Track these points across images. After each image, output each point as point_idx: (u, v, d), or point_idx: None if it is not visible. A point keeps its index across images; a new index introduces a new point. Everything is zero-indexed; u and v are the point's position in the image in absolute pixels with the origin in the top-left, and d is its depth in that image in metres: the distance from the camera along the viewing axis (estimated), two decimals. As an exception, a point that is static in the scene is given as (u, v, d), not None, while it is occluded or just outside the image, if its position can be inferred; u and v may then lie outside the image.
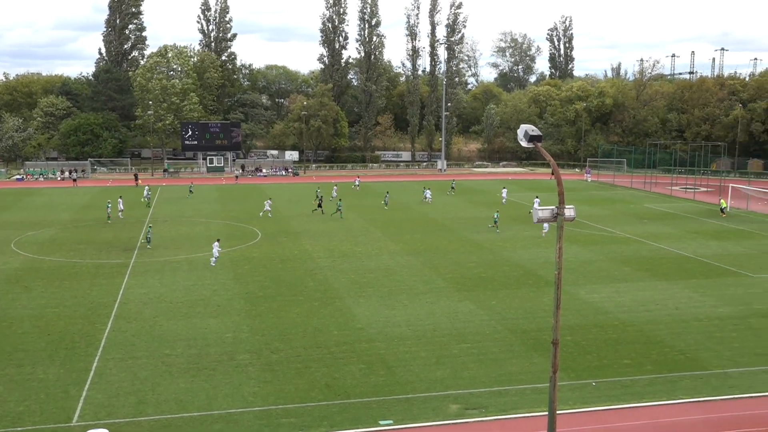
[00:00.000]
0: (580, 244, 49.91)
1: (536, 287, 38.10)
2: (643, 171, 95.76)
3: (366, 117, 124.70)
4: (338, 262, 43.92)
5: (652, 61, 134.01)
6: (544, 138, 15.99)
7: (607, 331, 30.88)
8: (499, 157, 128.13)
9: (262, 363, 26.90)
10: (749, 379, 25.63)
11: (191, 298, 35.55)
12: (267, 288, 37.77)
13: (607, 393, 24.44)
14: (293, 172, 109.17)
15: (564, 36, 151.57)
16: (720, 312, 33.77)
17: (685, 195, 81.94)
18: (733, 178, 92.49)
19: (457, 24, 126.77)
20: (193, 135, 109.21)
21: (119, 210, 61.05)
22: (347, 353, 27.94)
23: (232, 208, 68.18)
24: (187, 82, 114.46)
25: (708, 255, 46.96)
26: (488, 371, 26.21)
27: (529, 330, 30.79)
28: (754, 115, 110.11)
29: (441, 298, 35.77)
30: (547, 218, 15.83)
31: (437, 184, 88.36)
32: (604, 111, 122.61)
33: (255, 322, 31.84)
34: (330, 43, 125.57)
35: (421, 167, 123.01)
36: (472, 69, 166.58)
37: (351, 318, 32.46)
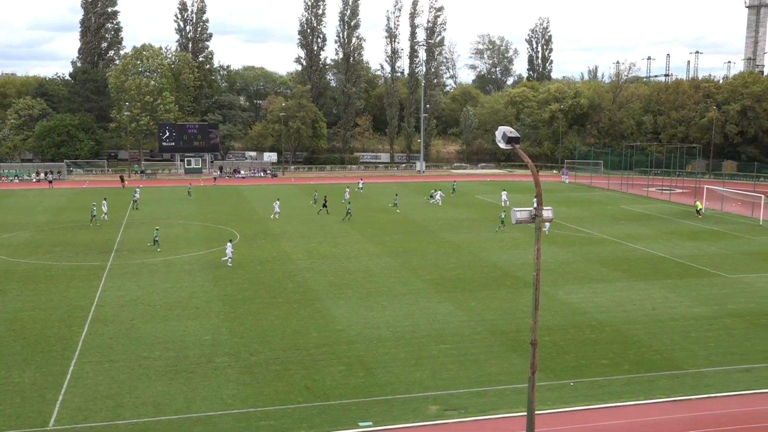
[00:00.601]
0: (558, 245, 50.26)
1: (515, 288, 38.31)
2: (619, 172, 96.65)
3: (345, 118, 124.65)
4: (317, 264, 43.84)
5: (628, 64, 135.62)
6: (521, 140, 16.09)
7: (585, 331, 31.13)
8: (478, 159, 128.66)
9: (240, 365, 26.77)
10: (724, 378, 25.97)
11: (169, 301, 35.29)
12: (246, 290, 37.60)
13: (585, 393, 24.64)
14: (272, 174, 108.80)
15: (542, 38, 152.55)
16: (695, 312, 34.18)
17: (661, 196, 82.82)
18: (708, 179, 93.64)
19: (436, 26, 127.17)
20: (171, 136, 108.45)
21: (103, 212, 60.19)
22: (326, 355, 27.90)
23: (211, 210, 67.79)
24: (162, 81, 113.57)
25: (683, 255, 47.51)
26: (467, 372, 26.30)
27: (508, 331, 30.95)
28: (728, 117, 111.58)
29: (420, 300, 35.84)
30: (526, 220, 15.92)
31: (418, 186, 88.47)
32: (581, 113, 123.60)
33: (234, 324, 31.68)
34: (308, 44, 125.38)
35: (399, 169, 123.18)
36: (451, 71, 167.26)
37: (330, 320, 32.41)
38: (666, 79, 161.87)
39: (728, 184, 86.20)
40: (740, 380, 25.82)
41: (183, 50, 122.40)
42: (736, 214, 66.98)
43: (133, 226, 57.68)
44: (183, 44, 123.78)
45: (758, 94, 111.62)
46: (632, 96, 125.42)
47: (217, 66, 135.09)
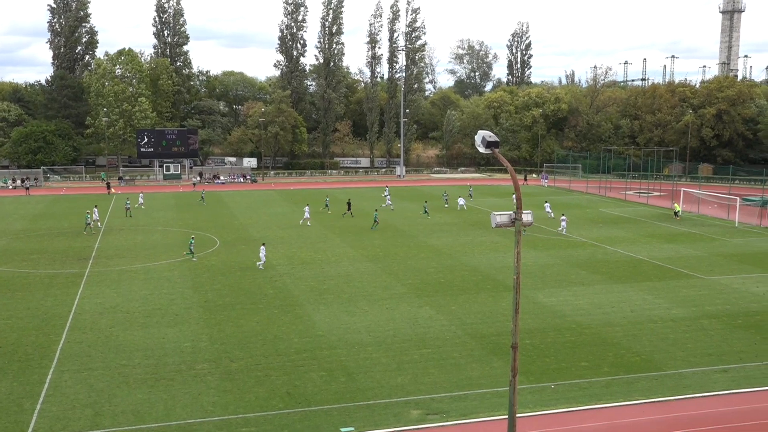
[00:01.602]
0: (538, 249, 50.53)
1: (495, 292, 38.43)
2: (598, 176, 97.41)
3: (325, 123, 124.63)
4: (298, 270, 43.71)
5: (605, 68, 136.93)
6: (500, 144, 16.18)
7: (565, 334, 31.30)
8: (458, 163, 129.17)
9: (221, 372, 26.60)
10: (702, 379, 26.22)
11: (148, 308, 35.00)
12: (226, 296, 37.39)
13: (566, 395, 24.75)
14: (251, 179, 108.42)
15: (521, 44, 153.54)
16: (673, 314, 34.49)
17: (638, 199, 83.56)
18: (684, 182, 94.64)
19: (415, 31, 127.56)
20: (149, 142, 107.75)
21: (95, 219, 59.06)
22: (307, 361, 27.80)
23: (190, 216, 67.38)
24: (140, 87, 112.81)
25: (661, 258, 47.95)
26: (449, 376, 26.33)
27: (489, 334, 31.04)
28: (704, 121, 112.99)
29: (401, 304, 35.84)
30: (505, 223, 15.99)
31: (398, 190, 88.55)
32: (560, 117, 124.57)
33: (214, 330, 31.49)
34: (288, 50, 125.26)
35: (380, 173, 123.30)
36: (430, 76, 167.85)
37: (311, 325, 32.32)
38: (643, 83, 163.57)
39: (704, 187, 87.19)
40: (718, 381, 26.08)
41: (161, 55, 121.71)
42: (713, 217, 67.76)
43: (112, 233, 57.17)
44: (161, 49, 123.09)
45: (733, 98, 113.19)
46: (609, 100, 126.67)
47: (197, 71, 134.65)
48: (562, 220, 58.31)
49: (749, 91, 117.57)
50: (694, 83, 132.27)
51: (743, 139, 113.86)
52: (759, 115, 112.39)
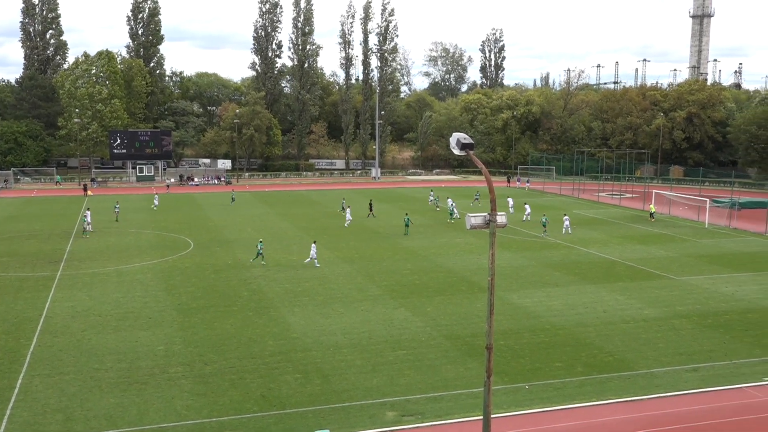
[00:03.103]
0: (512, 250, 50.83)
1: (470, 293, 38.59)
2: (571, 178, 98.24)
3: (299, 125, 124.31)
4: (272, 272, 43.53)
5: (578, 71, 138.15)
6: (475, 146, 16.24)
7: (539, 334, 31.52)
8: (433, 165, 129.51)
9: (195, 375, 26.40)
10: (673, 378, 26.55)
11: (121, 311, 34.63)
12: (200, 299, 37.12)
13: (540, 395, 24.93)
14: (226, 181, 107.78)
15: (495, 46, 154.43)
16: (645, 314, 34.90)
17: (611, 201, 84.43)
18: (656, 184, 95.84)
19: (389, 32, 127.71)
20: (122, 143, 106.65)
21: (87, 223, 57.36)
22: (282, 363, 27.69)
23: (163, 218, 66.77)
24: (114, 88, 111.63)
25: (633, 259, 48.49)
26: (424, 378, 26.38)
27: (464, 336, 31.16)
28: (675, 124, 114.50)
29: (376, 306, 35.85)
30: (480, 225, 16.07)
31: (374, 192, 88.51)
32: (533, 119, 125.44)
33: (188, 333, 31.24)
34: (262, 51, 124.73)
35: (355, 175, 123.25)
36: (405, 78, 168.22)
37: (286, 327, 32.20)
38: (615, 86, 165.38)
39: (675, 189, 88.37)
40: (688, 380, 26.44)
41: (135, 56, 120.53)
42: (684, 218, 68.70)
43: (84, 236, 56.45)
44: (135, 49, 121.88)
45: (703, 102, 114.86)
46: (582, 103, 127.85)
47: (170, 72, 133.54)
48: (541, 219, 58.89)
49: (719, 95, 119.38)
50: (665, 86, 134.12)
51: (713, 141, 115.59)
52: (728, 118, 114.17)
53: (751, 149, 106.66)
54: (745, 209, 71.15)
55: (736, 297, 38.34)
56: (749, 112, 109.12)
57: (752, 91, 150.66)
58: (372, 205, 69.30)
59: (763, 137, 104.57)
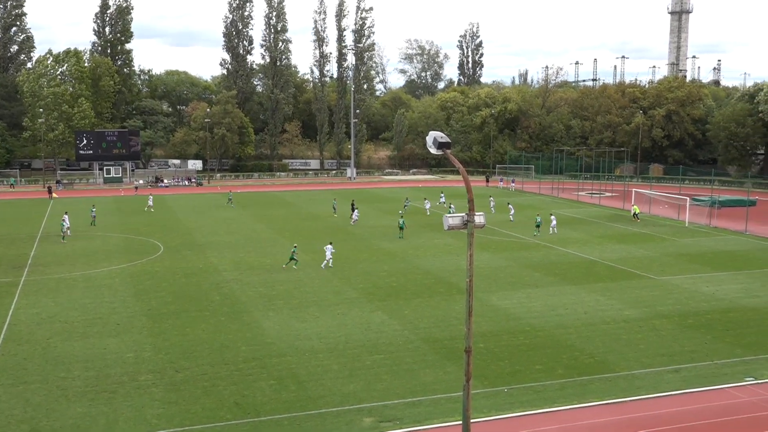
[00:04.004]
0: (491, 251, 51.04)
1: (448, 295, 38.67)
2: (550, 177, 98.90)
3: (272, 124, 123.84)
4: (246, 275, 43.29)
5: (556, 68, 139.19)
6: (452, 145, 16.26)
7: (519, 336, 31.67)
8: (409, 165, 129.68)
9: (166, 383, 26.15)
10: (654, 380, 26.80)
11: (88, 317, 34.21)
12: (170, 304, 36.79)
13: (520, 399, 25.03)
14: (197, 182, 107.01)
15: (472, 43, 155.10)
16: (626, 314, 35.21)
17: (590, 200, 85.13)
18: (635, 183, 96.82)
19: (364, 29, 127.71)
20: (88, 144, 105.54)
21: (67, 227, 56.26)
22: (256, 369, 27.53)
23: (132, 221, 66.14)
24: (81, 88, 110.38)
25: (613, 259, 48.92)
26: (402, 382, 26.37)
27: (442, 339, 31.20)
28: (654, 122, 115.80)
29: (353, 309, 35.79)
30: (458, 226, 16.09)
31: (350, 193, 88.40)
32: (510, 117, 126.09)
33: (158, 340, 30.94)
34: (234, 48, 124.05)
35: (330, 175, 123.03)
36: (380, 75, 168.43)
37: (260, 332, 32.03)
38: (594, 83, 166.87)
39: (655, 187, 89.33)
40: (670, 381, 26.70)
41: (102, 54, 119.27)
42: (664, 217, 69.46)
43: (49, 240, 55.75)
44: (102, 47, 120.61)
45: (682, 99, 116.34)
46: (561, 100, 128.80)
47: (139, 70, 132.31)
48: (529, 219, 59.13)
49: (698, 92, 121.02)
50: (643, 84, 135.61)
51: (693, 138, 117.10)
52: (707, 115, 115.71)
53: (730, 147, 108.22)
54: (724, 207, 72.10)
55: (716, 296, 38.83)
56: (728, 109, 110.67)
57: (731, 88, 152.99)
58: (354, 204, 69.03)
59: (742, 135, 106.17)
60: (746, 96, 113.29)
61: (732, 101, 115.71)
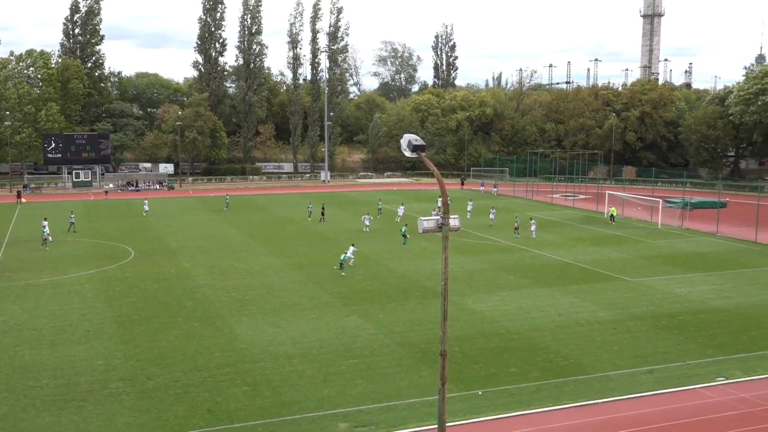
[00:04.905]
0: (466, 254, 51.25)
1: (423, 299, 38.76)
2: (525, 180, 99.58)
3: (246, 127, 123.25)
4: (219, 280, 43.02)
5: (530, 71, 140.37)
6: (427, 147, 16.32)
7: (494, 339, 31.83)
8: (384, 168, 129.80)
9: (137, 390, 25.90)
10: (628, 381, 27.10)
11: (57, 324, 33.78)
12: (141, 310, 36.45)
13: (495, 402, 25.16)
14: (168, 186, 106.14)
15: (446, 45, 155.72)
16: (600, 316, 35.55)
17: (564, 202, 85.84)
18: (609, 185, 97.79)
19: (339, 31, 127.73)
20: (57, 147, 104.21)
21: (47, 233, 54.68)
22: (230, 375, 27.37)
23: (102, 226, 65.43)
24: (49, 90, 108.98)
25: (588, 261, 49.38)
26: (377, 387, 26.38)
27: (417, 342, 31.27)
28: (627, 124, 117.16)
29: (327, 314, 35.73)
30: (432, 229, 16.16)
31: (324, 196, 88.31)
32: (485, 120, 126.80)
33: (129, 347, 30.63)
34: (206, 50, 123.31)
35: (304, 179, 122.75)
36: (354, 78, 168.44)
37: (233, 338, 31.85)
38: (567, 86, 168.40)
39: (628, 189, 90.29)
40: (643, 382, 27.00)
41: (71, 55, 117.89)
42: (637, 219, 70.26)
43: (16, 245, 54.97)
44: (71, 49, 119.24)
45: (655, 101, 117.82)
46: (535, 103, 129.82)
47: (108, 72, 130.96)
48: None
49: (670, 95, 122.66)
50: (617, 86, 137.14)
51: (666, 140, 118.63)
52: (679, 118, 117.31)
53: (701, 149, 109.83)
54: (696, 209, 73.13)
55: (689, 298, 39.36)
56: (699, 111, 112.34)
57: (702, 91, 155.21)
58: (324, 209, 69.02)
59: (712, 137, 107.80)
60: (717, 99, 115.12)
61: (703, 104, 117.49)
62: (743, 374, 27.85)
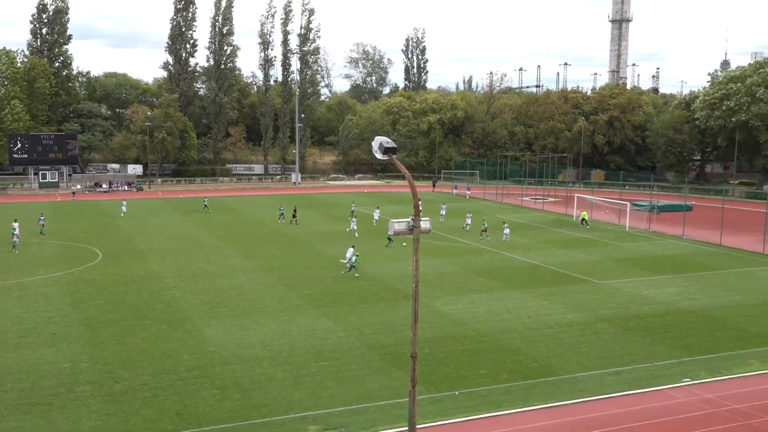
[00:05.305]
0: (437, 257, 51.40)
1: (394, 301, 38.79)
2: (495, 182, 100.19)
3: (216, 128, 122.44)
4: (188, 283, 42.65)
5: (501, 75, 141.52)
6: (398, 150, 16.36)
7: (464, 342, 31.95)
8: (355, 170, 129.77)
9: (104, 394, 25.56)
10: (596, 382, 27.37)
11: (22, 327, 33.21)
12: (109, 312, 35.99)
13: (465, 404, 25.24)
14: (137, 187, 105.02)
15: (417, 48, 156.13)
16: (569, 318, 35.87)
17: (534, 205, 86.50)
18: (578, 188, 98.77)
19: (310, 33, 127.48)
20: (23, 147, 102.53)
21: (16, 236, 53.30)
22: (199, 378, 27.13)
23: (69, 228, 64.52)
24: (15, 89, 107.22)
25: (557, 263, 49.81)
26: (348, 389, 26.33)
27: (388, 345, 31.28)
28: (596, 128, 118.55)
29: (297, 316, 35.60)
30: (404, 231, 16.19)
31: (295, 198, 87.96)
32: (456, 123, 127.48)
33: (96, 350, 30.22)
34: (177, 50, 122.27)
35: (274, 180, 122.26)
36: (326, 80, 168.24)
37: (202, 341, 31.58)
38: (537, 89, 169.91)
39: (597, 193, 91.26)
40: (611, 383, 27.30)
41: (38, 54, 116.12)
42: (605, 222, 71.02)
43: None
44: (39, 48, 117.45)
45: (623, 105, 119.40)
46: (505, 107, 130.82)
47: (76, 72, 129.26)
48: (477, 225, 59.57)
49: (638, 99, 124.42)
50: (586, 90, 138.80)
51: (634, 144, 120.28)
52: (647, 122, 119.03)
53: (668, 153, 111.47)
54: (663, 212, 74.16)
55: (656, 300, 39.88)
56: (666, 116, 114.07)
57: (669, 95, 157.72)
58: (296, 211, 68.70)
59: (679, 141, 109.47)
60: (683, 103, 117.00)
61: (670, 109, 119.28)
62: (708, 375, 28.30)
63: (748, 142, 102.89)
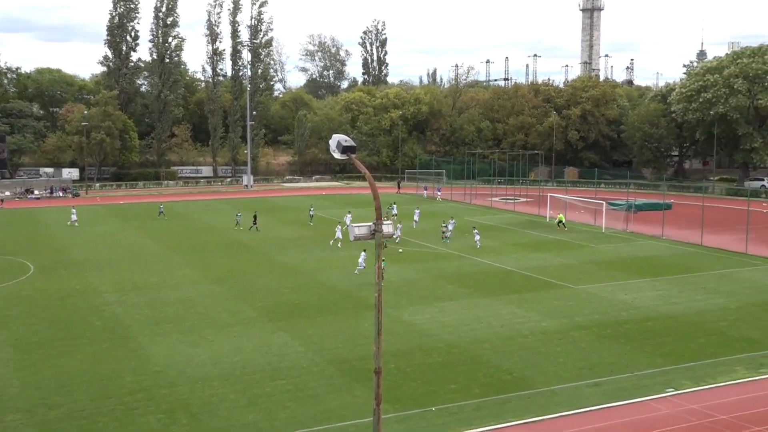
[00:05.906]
0: (402, 262, 51.29)
1: (356, 311, 38.56)
2: (462, 182, 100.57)
3: (160, 128, 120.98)
4: (130, 296, 41.90)
5: (467, 67, 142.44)
6: (358, 149, 16.16)
7: (432, 354, 31.83)
8: (312, 171, 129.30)
9: (37, 422, 24.88)
10: (573, 395, 27.41)
11: (-56, 350, 32.25)
12: (42, 332, 35.14)
13: (434, 422, 25.09)
14: (73, 193, 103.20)
15: (376, 40, 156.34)
16: (543, 326, 35.98)
17: (505, 206, 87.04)
18: (551, 187, 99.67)
19: (261, 24, 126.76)
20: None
21: None
22: (143, 402, 26.58)
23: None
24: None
25: (530, 267, 50.05)
26: (306, 409, 26.03)
27: (350, 359, 31.02)
28: (569, 123, 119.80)
29: (251, 330, 35.17)
30: (365, 236, 15.97)
31: (246, 203, 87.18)
32: (420, 119, 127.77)
33: (27, 374, 29.44)
34: (116, 43, 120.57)
35: (224, 183, 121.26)
36: (279, 74, 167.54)
37: (146, 360, 30.99)
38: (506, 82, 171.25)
39: (571, 191, 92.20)
40: (590, 395, 27.38)
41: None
42: (580, 222, 71.64)
43: None
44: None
45: (597, 98, 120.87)
46: (472, 101, 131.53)
47: (5, 68, 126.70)
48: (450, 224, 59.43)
49: (612, 92, 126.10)
50: (557, 83, 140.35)
51: (608, 139, 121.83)
52: (622, 116, 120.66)
53: (644, 148, 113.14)
54: (641, 212, 75.07)
55: (634, 305, 40.24)
56: (641, 109, 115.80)
57: (644, 88, 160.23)
58: (256, 217, 67.68)
59: (656, 136, 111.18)
60: (659, 96, 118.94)
61: (645, 101, 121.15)
62: (692, 384, 28.55)
63: (727, 135, 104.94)
